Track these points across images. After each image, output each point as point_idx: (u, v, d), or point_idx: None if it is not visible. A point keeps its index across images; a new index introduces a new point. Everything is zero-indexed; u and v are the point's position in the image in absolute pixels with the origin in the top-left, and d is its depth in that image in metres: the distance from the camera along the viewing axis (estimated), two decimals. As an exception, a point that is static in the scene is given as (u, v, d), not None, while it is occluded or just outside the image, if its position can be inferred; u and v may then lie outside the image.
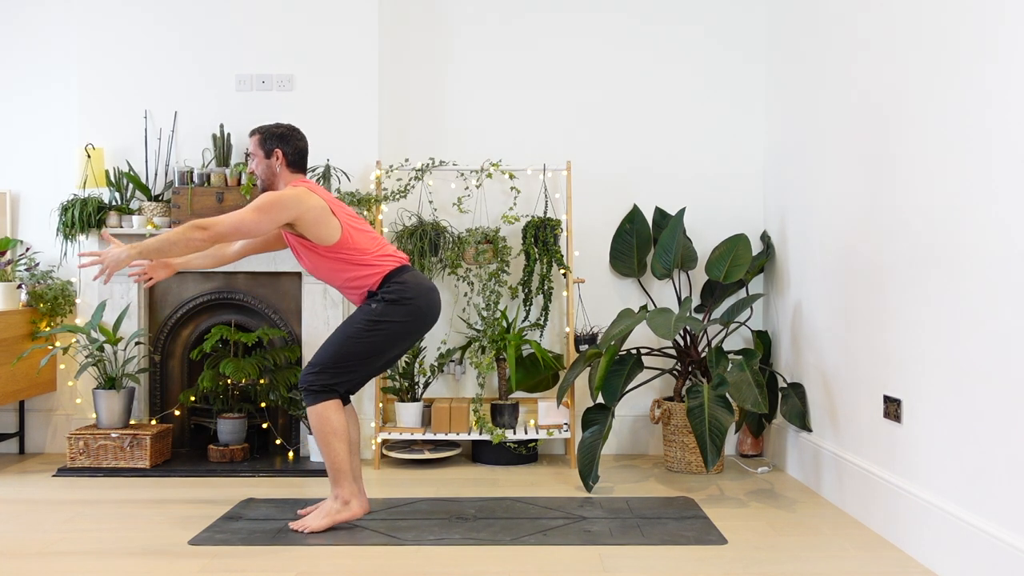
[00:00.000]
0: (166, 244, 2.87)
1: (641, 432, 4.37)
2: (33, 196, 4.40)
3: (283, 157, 3.15)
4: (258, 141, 3.16)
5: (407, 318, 3.05)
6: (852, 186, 3.30)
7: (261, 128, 3.19)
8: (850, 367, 3.32)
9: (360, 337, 3.02)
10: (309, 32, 4.29)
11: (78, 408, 4.30)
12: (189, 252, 2.94)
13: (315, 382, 3.02)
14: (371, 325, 3.02)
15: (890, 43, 3.00)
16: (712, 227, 4.37)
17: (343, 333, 3.04)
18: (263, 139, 3.16)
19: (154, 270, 3.21)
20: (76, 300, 4.33)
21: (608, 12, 4.42)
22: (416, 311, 3.06)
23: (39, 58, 4.42)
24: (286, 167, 3.16)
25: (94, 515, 3.26)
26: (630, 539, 2.93)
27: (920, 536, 2.73)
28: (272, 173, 3.16)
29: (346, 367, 3.03)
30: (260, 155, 3.16)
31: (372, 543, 2.90)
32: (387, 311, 3.02)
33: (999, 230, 2.36)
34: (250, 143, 3.19)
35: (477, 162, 4.28)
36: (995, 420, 2.38)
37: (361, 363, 3.05)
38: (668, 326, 3.47)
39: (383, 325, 3.02)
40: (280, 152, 3.14)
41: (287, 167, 3.16)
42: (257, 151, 3.16)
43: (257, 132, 3.18)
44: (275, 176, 3.16)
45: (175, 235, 2.87)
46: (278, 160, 3.15)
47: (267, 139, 3.15)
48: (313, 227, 2.99)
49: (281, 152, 3.15)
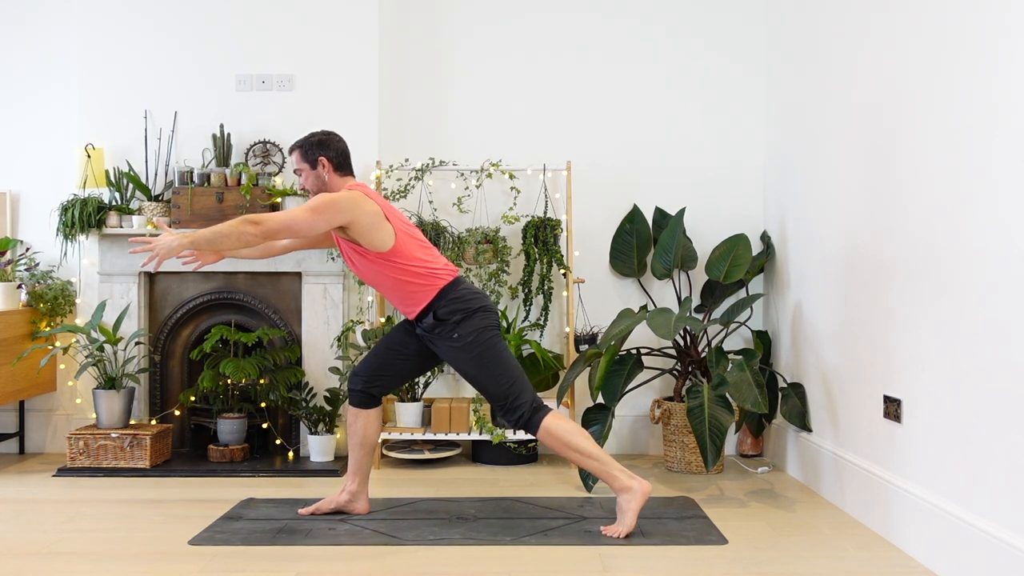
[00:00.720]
0: (217, 236, 2.84)
1: (641, 432, 4.37)
2: (33, 196, 4.40)
3: (328, 163, 3.12)
4: (300, 155, 3.13)
5: (485, 321, 3.04)
6: (852, 186, 3.30)
7: (298, 142, 3.16)
8: (850, 367, 3.32)
9: (487, 357, 3.01)
10: (309, 32, 4.29)
11: (78, 408, 4.30)
12: (240, 246, 2.89)
13: (518, 409, 2.99)
14: (477, 346, 3.00)
15: (890, 43, 3.00)
16: (712, 227, 4.37)
17: (477, 367, 3.02)
18: (304, 151, 3.13)
19: (203, 255, 3.12)
20: (76, 300, 4.33)
21: (608, 12, 4.42)
22: (485, 312, 3.05)
23: (39, 58, 4.42)
24: (333, 171, 3.13)
25: (94, 515, 3.26)
26: (630, 539, 2.93)
27: (920, 536, 2.73)
28: (322, 182, 3.13)
29: (516, 378, 3.02)
30: (306, 167, 3.13)
31: (372, 543, 2.90)
32: (467, 329, 3.01)
33: (999, 230, 2.36)
34: (293, 160, 3.16)
35: (477, 162, 4.28)
36: (995, 420, 2.38)
37: (514, 368, 3.04)
38: (668, 326, 3.47)
39: (480, 337, 3.01)
40: (324, 159, 3.12)
41: (335, 171, 3.13)
42: (302, 164, 3.13)
43: (296, 147, 3.15)
44: (325, 184, 3.13)
45: (227, 228, 2.84)
46: (324, 168, 3.12)
47: (308, 150, 3.12)
48: (367, 232, 2.96)
49: (325, 158, 3.12)
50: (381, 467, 4.05)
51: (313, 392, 4.16)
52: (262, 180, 4.15)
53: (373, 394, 3.19)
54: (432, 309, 3.03)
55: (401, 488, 3.66)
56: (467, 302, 3.03)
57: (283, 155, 4.28)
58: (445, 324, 3.02)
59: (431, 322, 3.05)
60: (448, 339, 3.03)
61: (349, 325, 4.13)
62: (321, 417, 4.06)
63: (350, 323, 4.14)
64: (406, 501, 3.43)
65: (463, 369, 3.06)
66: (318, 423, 4.07)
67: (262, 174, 4.19)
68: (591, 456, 3.01)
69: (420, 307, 3.05)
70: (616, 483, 3.00)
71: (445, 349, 3.06)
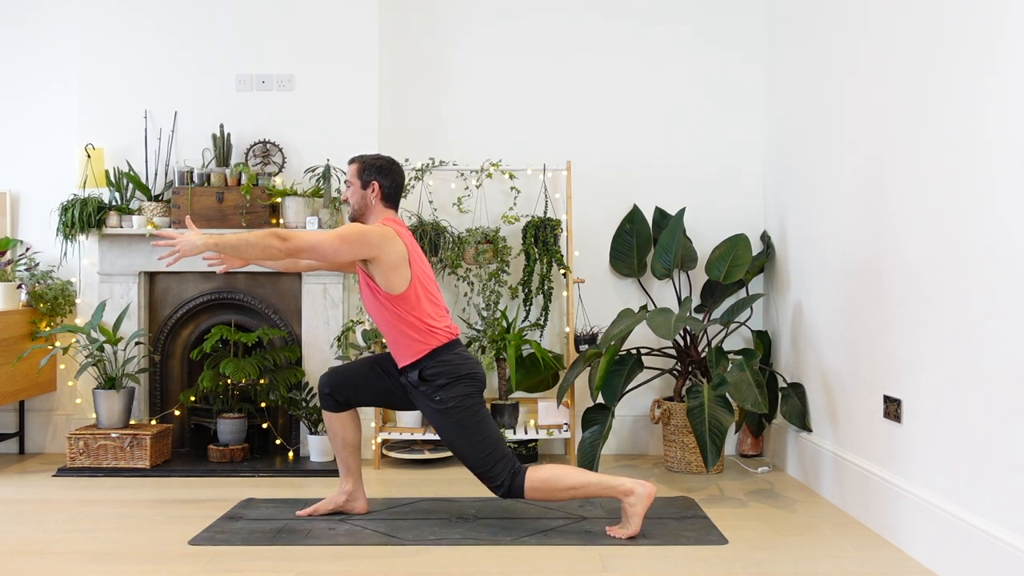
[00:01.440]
0: (243, 244, 2.82)
1: (641, 432, 4.37)
2: (33, 196, 4.40)
3: (379, 190, 3.10)
4: (357, 170, 3.11)
5: (470, 388, 3.01)
6: (852, 186, 3.30)
7: (362, 157, 3.14)
8: (850, 367, 3.32)
9: (466, 424, 2.98)
10: (309, 32, 4.29)
11: (78, 408, 4.30)
12: (264, 258, 2.86)
13: (496, 479, 2.97)
14: (457, 412, 2.98)
15: (890, 44, 3.00)
16: (712, 227, 4.36)
17: (456, 433, 2.98)
18: (362, 169, 3.11)
19: (228, 259, 3.11)
20: (76, 300, 4.33)
21: (608, 12, 4.42)
22: (471, 380, 3.02)
23: (39, 58, 4.42)
24: (380, 200, 3.11)
25: (94, 515, 3.26)
26: (630, 539, 2.93)
27: (920, 536, 2.73)
28: (365, 204, 3.11)
29: (493, 447, 2.98)
30: (356, 184, 3.11)
31: (372, 543, 2.90)
32: (450, 395, 2.99)
33: (999, 230, 2.36)
34: (348, 170, 3.15)
35: (477, 162, 4.28)
36: (995, 420, 2.38)
37: (493, 437, 3.00)
38: (668, 326, 3.47)
39: (462, 404, 2.98)
40: (377, 184, 3.10)
41: (381, 200, 3.11)
42: (354, 180, 3.11)
43: (357, 161, 3.14)
44: (368, 208, 3.11)
45: (254, 238, 2.82)
46: (373, 192, 3.10)
47: (366, 169, 3.10)
48: (385, 271, 2.95)
49: (378, 185, 3.10)
50: (381, 467, 4.05)
51: (313, 392, 4.16)
52: (262, 180, 4.15)
53: (338, 400, 3.17)
54: (420, 366, 3.01)
55: (401, 488, 3.66)
56: (455, 367, 3.01)
57: (283, 155, 4.28)
58: (430, 385, 3.01)
59: (416, 379, 3.03)
60: (430, 399, 3.01)
61: (349, 325, 4.13)
62: (321, 417, 4.06)
63: (350, 323, 4.14)
64: (406, 501, 3.43)
65: (441, 432, 3.04)
66: (318, 423, 4.07)
67: (262, 174, 4.19)
68: (586, 484, 2.97)
69: (409, 360, 3.03)
70: (620, 489, 2.95)
71: (425, 406, 3.05)
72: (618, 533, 2.96)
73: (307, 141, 4.28)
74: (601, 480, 2.98)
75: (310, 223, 4.08)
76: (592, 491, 2.98)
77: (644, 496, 2.94)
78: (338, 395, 3.17)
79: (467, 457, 3.00)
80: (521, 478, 2.95)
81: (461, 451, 3.00)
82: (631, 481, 2.97)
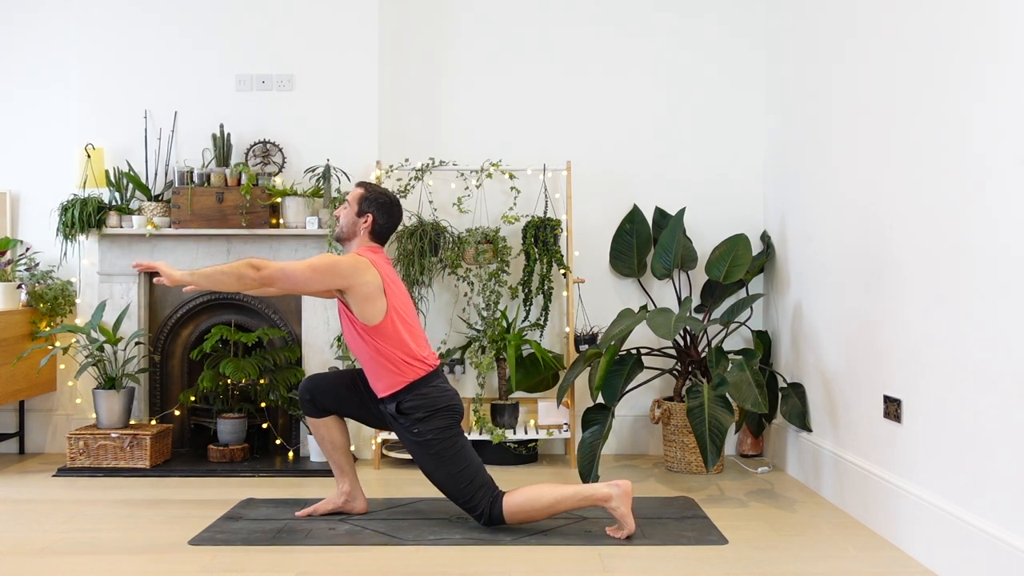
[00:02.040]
0: (218, 275, 2.85)
1: (641, 432, 4.37)
2: (33, 196, 4.40)
3: (371, 224, 3.10)
4: (359, 196, 3.11)
5: (448, 420, 3.01)
6: (852, 186, 3.30)
7: (369, 186, 3.15)
8: (850, 367, 3.32)
9: (444, 456, 2.97)
10: (309, 32, 4.29)
11: (78, 408, 4.30)
12: (238, 287, 2.87)
13: (476, 509, 2.97)
14: (435, 444, 2.97)
15: (890, 44, 3.00)
16: (712, 227, 4.36)
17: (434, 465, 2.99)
18: (364, 197, 3.11)
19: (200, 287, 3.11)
20: (76, 300, 4.33)
21: (608, 13, 4.42)
22: (449, 412, 3.02)
23: (39, 58, 4.42)
24: (368, 234, 3.12)
25: (94, 515, 3.26)
26: (630, 539, 2.93)
27: (920, 536, 2.73)
28: (353, 231, 3.12)
29: (472, 477, 2.98)
30: (353, 208, 3.11)
31: (372, 543, 2.90)
32: (428, 427, 2.98)
33: (999, 230, 2.36)
34: (352, 191, 3.16)
35: (477, 162, 4.28)
36: (995, 420, 2.38)
37: (471, 467, 2.99)
38: (668, 326, 3.47)
39: (440, 435, 2.98)
40: (372, 218, 3.10)
41: (370, 234, 3.12)
42: (353, 203, 3.12)
43: (363, 187, 3.14)
44: (353, 235, 3.12)
45: (229, 268, 2.85)
46: (365, 223, 3.10)
47: (368, 199, 3.10)
48: (359, 302, 2.95)
49: (372, 219, 3.10)
50: (381, 467, 4.05)
51: (313, 392, 4.16)
52: (262, 180, 4.15)
53: (319, 407, 3.17)
54: (398, 399, 3.00)
55: (401, 488, 3.65)
56: (433, 400, 3.00)
57: (283, 155, 4.28)
58: (408, 417, 3.00)
59: (394, 411, 3.03)
60: (408, 431, 3.01)
61: (349, 325, 4.13)
62: (321, 417, 4.06)
63: (350, 323, 4.14)
64: (406, 501, 3.43)
65: (420, 463, 3.03)
66: (318, 423, 4.07)
67: (262, 174, 4.19)
68: (561, 498, 2.96)
69: (387, 392, 3.02)
70: (597, 497, 2.95)
71: (403, 436, 3.05)
72: (616, 534, 2.96)
73: (307, 141, 4.28)
74: (577, 492, 2.97)
75: (310, 223, 4.09)
76: (571, 504, 2.98)
77: (622, 495, 2.94)
78: (319, 402, 3.17)
79: (446, 488, 3.00)
80: (499, 507, 2.96)
81: (440, 482, 3.01)
82: (605, 486, 2.96)
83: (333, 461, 3.22)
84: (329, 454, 3.22)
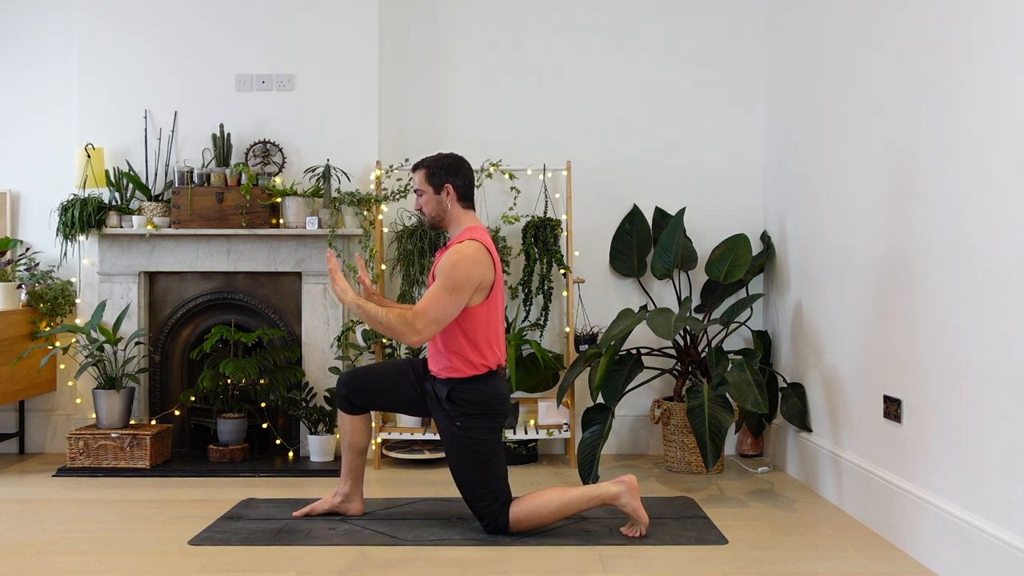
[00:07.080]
0: (375, 321, 2.85)
1: (641, 432, 4.37)
2: (33, 196, 4.40)
3: (454, 191, 2.99)
4: (425, 176, 2.99)
5: (493, 423, 2.98)
6: (852, 186, 3.30)
7: (426, 161, 3.02)
8: (850, 367, 3.32)
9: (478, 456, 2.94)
10: (309, 32, 4.29)
11: (78, 408, 4.30)
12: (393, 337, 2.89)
13: (485, 517, 2.95)
14: (474, 443, 2.94)
15: (890, 44, 3.00)
16: (712, 227, 4.36)
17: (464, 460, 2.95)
18: (430, 172, 2.99)
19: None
20: (76, 300, 4.33)
21: (608, 13, 4.42)
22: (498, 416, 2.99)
23: (39, 58, 4.42)
24: (457, 201, 3.00)
25: (94, 515, 3.26)
26: (630, 539, 2.93)
27: (920, 536, 2.73)
28: (443, 209, 3.00)
29: (494, 486, 2.95)
30: (429, 191, 2.99)
31: (372, 543, 2.90)
32: (472, 424, 2.94)
33: (999, 230, 2.36)
34: (415, 178, 3.03)
35: (477, 162, 4.27)
36: (995, 420, 2.38)
37: (497, 474, 2.97)
38: (668, 326, 3.47)
39: (481, 436, 2.95)
40: (451, 186, 2.98)
41: (459, 201, 3.00)
42: (425, 186, 3.00)
43: (423, 166, 3.01)
44: (446, 212, 3.01)
45: (390, 322, 2.83)
46: (449, 195, 2.98)
47: (435, 172, 2.98)
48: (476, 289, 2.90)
49: (452, 186, 2.98)
50: (381, 467, 4.05)
51: (313, 392, 4.16)
52: (262, 180, 4.15)
53: (354, 403, 3.14)
54: (452, 385, 2.96)
55: (401, 488, 3.65)
56: (487, 398, 2.95)
57: (283, 155, 4.28)
58: (454, 407, 2.96)
59: (444, 395, 2.98)
60: (451, 421, 2.96)
61: (349, 325, 4.13)
62: (321, 417, 4.06)
63: (350, 323, 4.14)
64: (406, 501, 3.43)
65: (449, 453, 3.00)
66: (318, 423, 4.07)
67: (262, 174, 4.19)
68: (568, 501, 2.95)
69: (445, 374, 2.97)
70: (606, 496, 2.95)
71: (442, 423, 3.01)
72: (631, 532, 2.96)
73: (307, 141, 4.28)
74: (584, 493, 2.97)
75: (310, 223, 4.08)
76: (579, 506, 2.96)
77: (628, 491, 2.93)
78: (354, 398, 3.12)
79: (465, 486, 2.98)
80: (506, 515, 2.94)
81: (461, 479, 2.98)
82: (611, 484, 2.95)
83: (346, 461, 3.20)
84: (344, 452, 3.19)
